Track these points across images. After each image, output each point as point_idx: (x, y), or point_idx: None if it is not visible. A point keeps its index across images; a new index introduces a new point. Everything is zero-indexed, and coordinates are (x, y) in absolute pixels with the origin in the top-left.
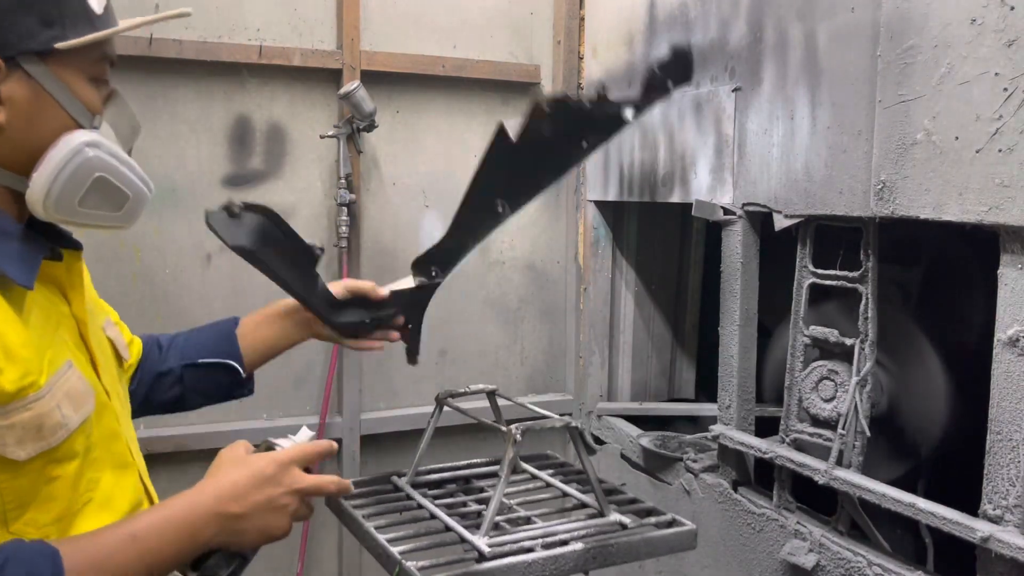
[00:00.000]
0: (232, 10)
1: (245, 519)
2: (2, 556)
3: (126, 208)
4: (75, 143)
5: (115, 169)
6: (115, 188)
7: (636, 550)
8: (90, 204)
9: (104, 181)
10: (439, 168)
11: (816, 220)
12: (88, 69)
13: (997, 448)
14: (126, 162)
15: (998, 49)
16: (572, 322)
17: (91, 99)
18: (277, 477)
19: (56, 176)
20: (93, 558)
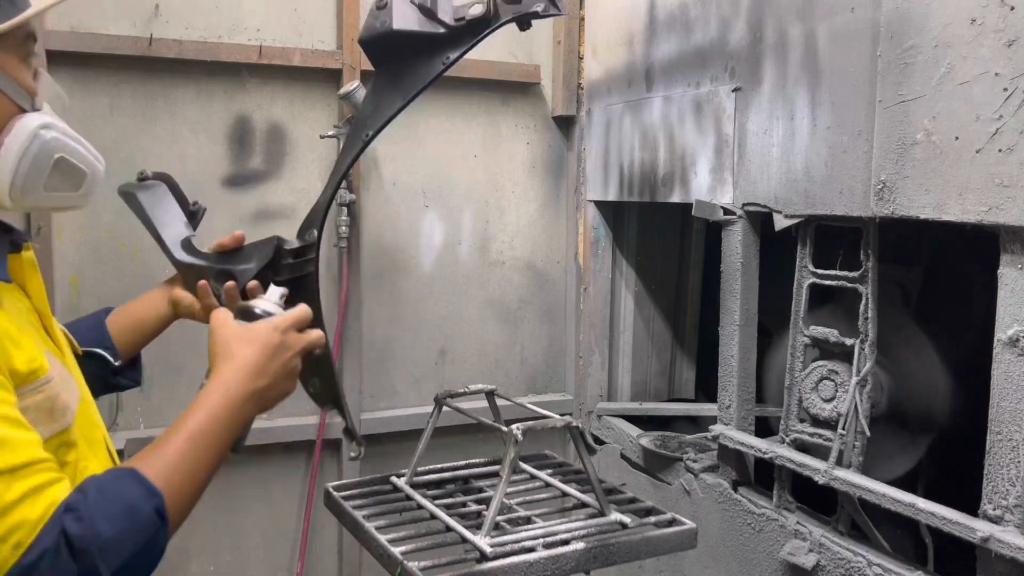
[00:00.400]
0: (232, 10)
1: (270, 389)
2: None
3: (84, 186)
4: (31, 127)
5: (72, 148)
6: (74, 167)
7: (637, 549)
8: (53, 186)
9: (64, 161)
10: (439, 168)
11: (816, 220)
12: (19, 50)
13: (997, 448)
14: (78, 139)
15: (998, 49)
16: (572, 322)
17: (27, 80)
18: (285, 343)
19: (19, 164)
20: (166, 468)
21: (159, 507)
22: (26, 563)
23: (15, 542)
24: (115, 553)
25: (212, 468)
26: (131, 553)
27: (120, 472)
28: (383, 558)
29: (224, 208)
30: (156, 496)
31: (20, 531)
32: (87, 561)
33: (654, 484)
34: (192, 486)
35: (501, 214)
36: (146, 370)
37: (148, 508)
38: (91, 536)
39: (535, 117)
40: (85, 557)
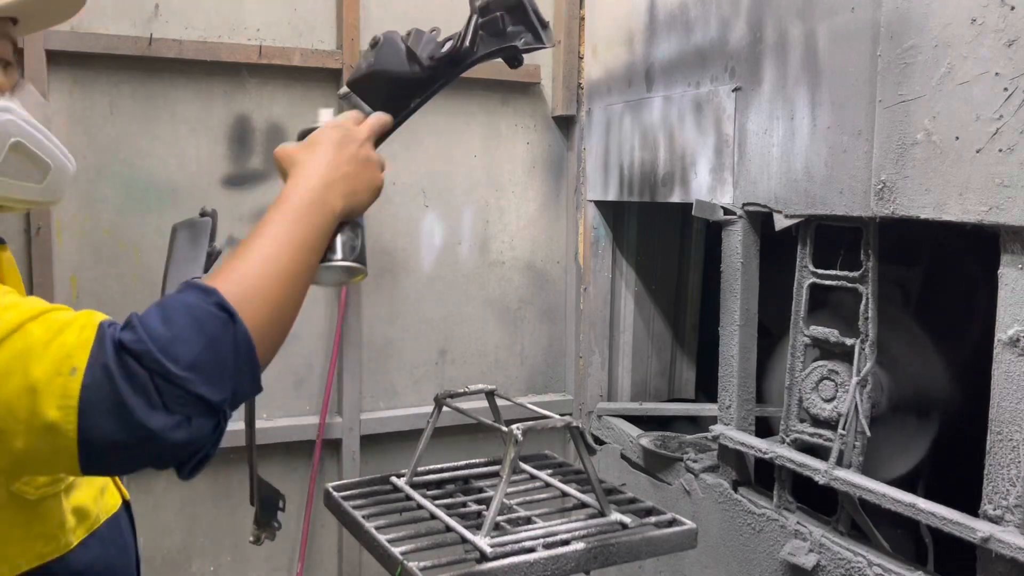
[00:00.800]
0: (232, 10)
1: (355, 178)
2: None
3: (49, 179)
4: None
5: (31, 135)
6: (35, 156)
7: (637, 549)
8: (10, 173)
9: (21, 147)
10: (439, 168)
11: (816, 220)
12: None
13: (997, 448)
14: (42, 130)
15: (998, 49)
16: (572, 322)
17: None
18: (349, 133)
19: None
20: (231, 268)
21: (219, 301)
22: (90, 382)
23: (70, 367)
24: (181, 349)
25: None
26: (201, 348)
27: (184, 284)
28: (383, 558)
29: (224, 208)
30: (212, 293)
31: (73, 357)
32: (153, 362)
33: (654, 484)
34: (267, 288)
35: (501, 214)
36: None
37: (206, 304)
38: (148, 339)
39: (535, 117)
40: (149, 359)
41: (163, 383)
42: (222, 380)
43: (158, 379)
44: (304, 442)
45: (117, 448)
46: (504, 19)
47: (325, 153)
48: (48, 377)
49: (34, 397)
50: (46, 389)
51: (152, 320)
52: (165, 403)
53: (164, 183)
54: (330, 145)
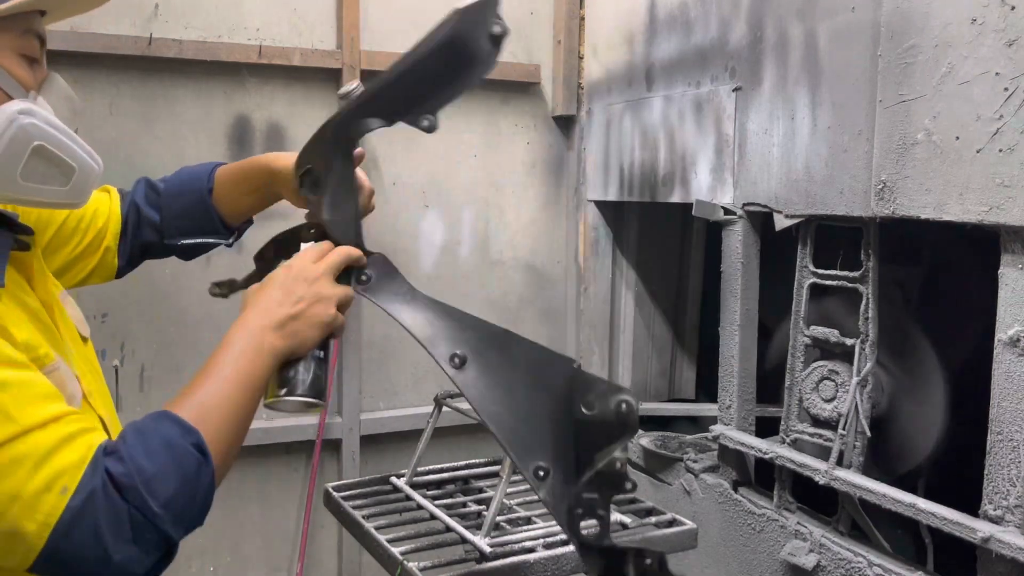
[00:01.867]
0: (232, 10)
1: (296, 319)
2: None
3: (74, 182)
4: (8, 112)
5: (54, 138)
6: (58, 159)
7: None
8: (34, 178)
9: (44, 151)
10: (439, 168)
11: (816, 220)
12: (16, 44)
13: (997, 448)
14: (65, 131)
15: (998, 49)
16: (572, 322)
17: (22, 75)
18: (301, 272)
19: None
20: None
21: (197, 442)
22: (75, 505)
23: (61, 487)
24: (161, 487)
25: (247, 402)
26: (177, 487)
27: (155, 415)
28: (383, 558)
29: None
30: (192, 432)
31: (64, 476)
32: (135, 496)
33: (654, 484)
34: (228, 422)
35: (501, 214)
36: (146, 370)
37: (186, 443)
38: (134, 472)
39: (535, 117)
40: (132, 493)
41: (139, 518)
42: (188, 519)
43: (135, 513)
44: (304, 442)
45: (75, 566)
46: None
47: (269, 296)
48: (37, 493)
49: (17, 507)
50: (32, 502)
51: (137, 452)
52: (135, 537)
53: None
54: (276, 288)
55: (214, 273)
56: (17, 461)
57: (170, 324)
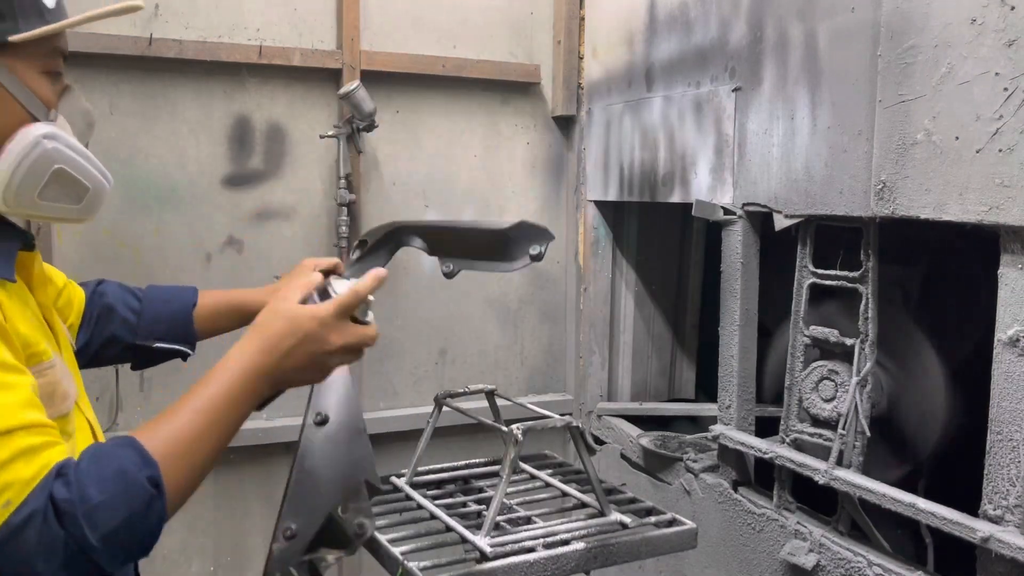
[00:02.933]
0: (232, 10)
1: (291, 373)
2: (85, 456)
3: (86, 200)
4: (33, 135)
5: (74, 161)
6: (74, 180)
7: (637, 549)
8: (50, 196)
9: (63, 173)
10: (439, 168)
11: (816, 220)
12: (41, 62)
13: (997, 448)
14: (84, 154)
15: (998, 49)
16: (572, 322)
17: (45, 92)
18: (318, 335)
19: (15, 169)
20: (168, 438)
21: (153, 476)
22: (14, 523)
23: (4, 500)
24: (103, 519)
25: (218, 442)
26: (121, 520)
27: (119, 440)
28: (383, 558)
29: (224, 208)
30: (150, 465)
31: (11, 490)
32: (73, 525)
33: (654, 484)
34: (195, 458)
35: (501, 214)
36: (145, 371)
37: (141, 476)
38: (78, 500)
39: (535, 117)
40: (70, 521)
41: (74, 547)
42: (127, 553)
43: (71, 542)
44: None
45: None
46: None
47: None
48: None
49: None
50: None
51: (88, 479)
52: (66, 564)
53: (164, 183)
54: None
55: (214, 273)
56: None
57: None
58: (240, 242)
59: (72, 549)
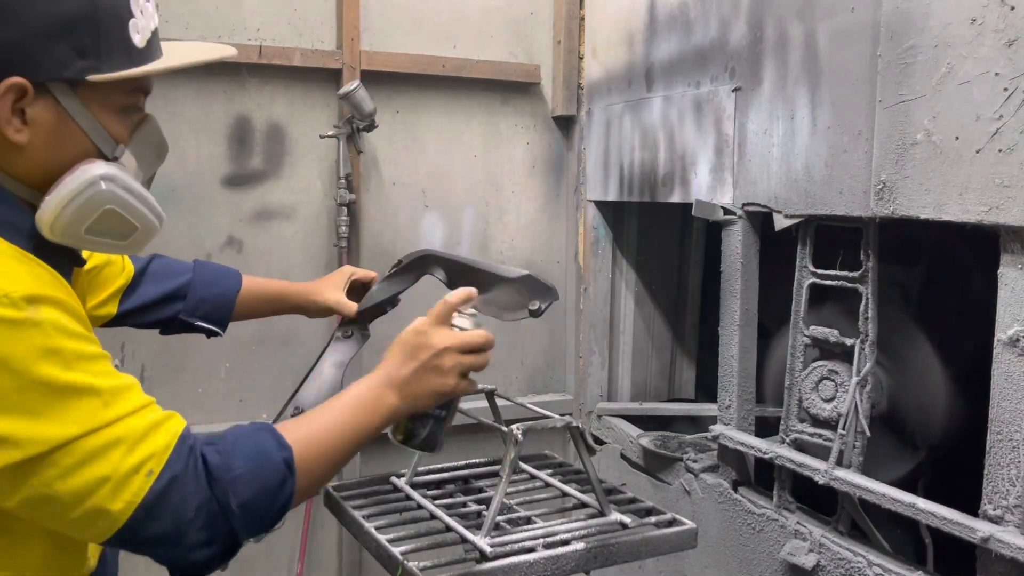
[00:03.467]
0: (232, 10)
1: (414, 384)
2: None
3: (133, 238)
4: (90, 175)
5: (126, 203)
6: (123, 219)
7: (637, 549)
8: (96, 232)
9: (113, 213)
10: (439, 168)
11: (816, 220)
12: (120, 99)
13: (997, 448)
14: (140, 196)
15: (998, 49)
16: (572, 322)
17: (117, 129)
18: (421, 342)
19: (67, 204)
20: (303, 431)
21: (288, 458)
22: (158, 488)
23: (147, 470)
24: (243, 488)
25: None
26: (256, 493)
27: (258, 425)
28: (383, 558)
29: (224, 208)
30: (286, 448)
31: (152, 460)
32: (220, 489)
33: (654, 484)
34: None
35: (501, 214)
36: (146, 370)
37: (278, 457)
38: (227, 468)
39: (535, 117)
40: (219, 485)
41: (216, 509)
42: (257, 525)
43: (214, 505)
44: None
45: (148, 543)
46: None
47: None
48: (127, 474)
49: (107, 489)
50: (122, 483)
51: (235, 450)
52: (208, 526)
53: (163, 183)
54: (403, 348)
55: None
56: (112, 444)
57: None
58: (240, 242)
59: (214, 510)
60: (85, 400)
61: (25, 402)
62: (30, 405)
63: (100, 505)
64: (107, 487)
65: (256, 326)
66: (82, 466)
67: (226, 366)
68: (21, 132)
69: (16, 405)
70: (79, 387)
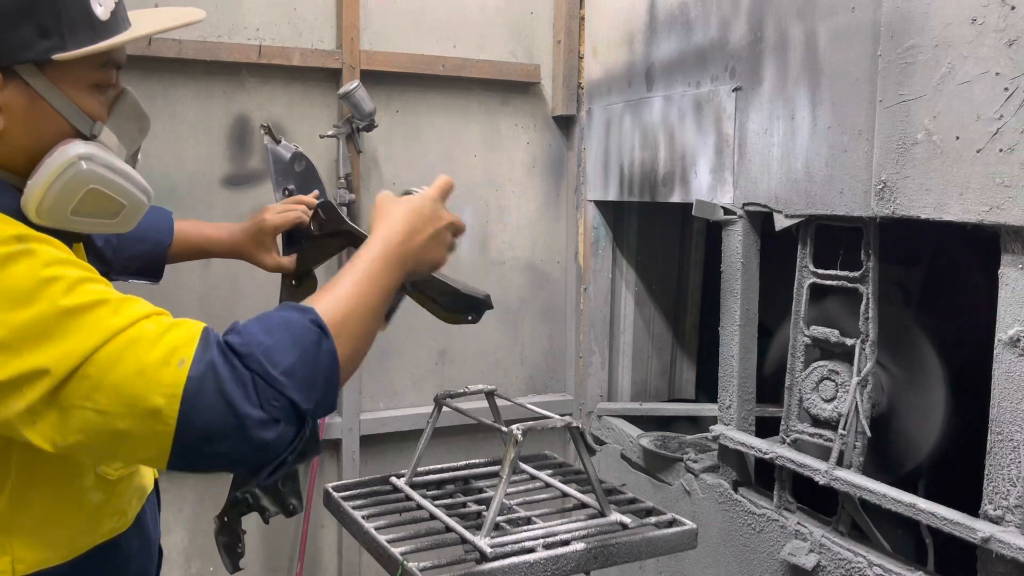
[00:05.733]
0: (232, 10)
1: (422, 251)
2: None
3: (122, 215)
4: (69, 155)
5: (109, 180)
6: (109, 198)
7: (637, 550)
8: (84, 213)
9: (97, 192)
10: (439, 168)
11: (817, 220)
12: (91, 76)
13: (998, 448)
14: (122, 172)
15: (999, 49)
16: (572, 322)
17: (92, 106)
18: (436, 212)
19: (49, 187)
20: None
21: (315, 319)
22: (196, 375)
23: (179, 359)
24: (280, 356)
25: (374, 304)
26: (296, 357)
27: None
28: (383, 558)
29: (223, 207)
30: (309, 311)
31: (180, 350)
32: (255, 363)
33: (654, 484)
34: (355, 314)
35: (501, 214)
36: None
37: (304, 319)
38: (255, 343)
39: (535, 117)
40: (252, 360)
41: (262, 383)
42: (311, 389)
43: (258, 379)
44: None
45: (211, 438)
46: None
47: (410, 222)
48: (157, 365)
49: (142, 382)
50: (155, 376)
51: (254, 328)
52: (261, 402)
53: (163, 183)
54: (418, 215)
55: (214, 272)
56: (134, 341)
57: None
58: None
59: (261, 385)
60: (96, 312)
61: (40, 329)
62: (46, 330)
63: (144, 404)
64: (142, 382)
65: None
66: (110, 370)
67: None
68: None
69: (32, 335)
70: (87, 304)
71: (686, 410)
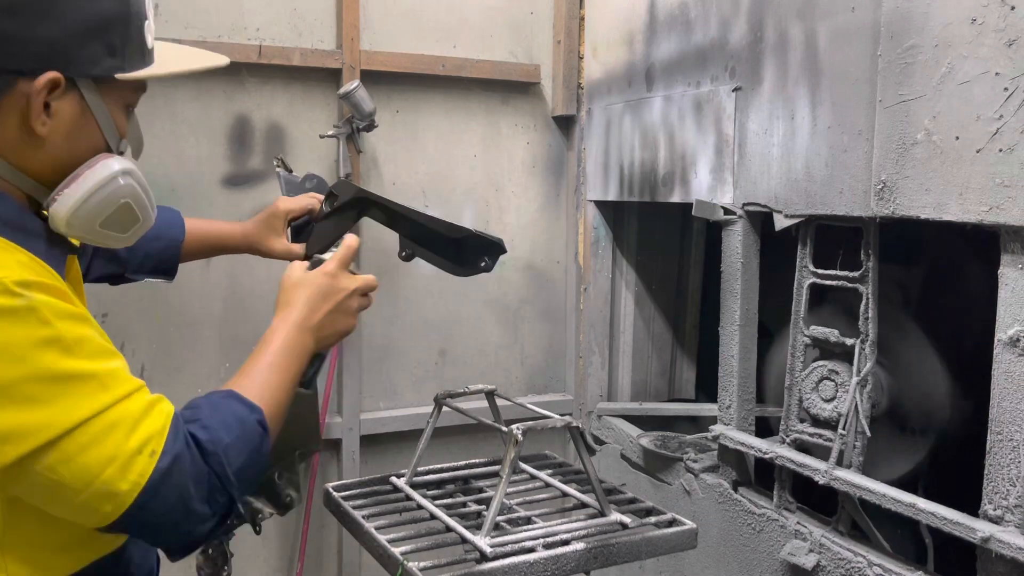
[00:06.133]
0: (232, 10)
1: (327, 326)
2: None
3: (132, 231)
4: (113, 169)
5: (140, 197)
6: (133, 214)
7: (637, 549)
8: (107, 225)
9: (127, 207)
10: (439, 168)
11: (816, 220)
12: (128, 97)
13: (997, 448)
14: (147, 190)
15: (999, 49)
16: (572, 322)
17: (123, 123)
18: (335, 286)
19: (88, 198)
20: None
21: (261, 419)
22: (163, 467)
23: (150, 451)
24: (235, 456)
25: (288, 389)
26: (246, 458)
27: (223, 392)
28: (383, 558)
29: (224, 208)
30: (257, 411)
31: (152, 441)
32: (216, 462)
33: (654, 484)
34: (279, 405)
35: (501, 214)
36: (146, 370)
37: (252, 420)
38: (216, 441)
39: (535, 117)
40: (214, 459)
41: (216, 482)
42: (249, 486)
43: (214, 478)
44: None
45: (155, 525)
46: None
47: (311, 305)
48: (131, 454)
49: (114, 468)
50: (127, 464)
51: (216, 423)
52: (209, 499)
53: (163, 183)
54: (318, 295)
55: (214, 274)
56: (114, 426)
57: (170, 324)
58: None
59: (214, 483)
60: (86, 385)
61: (29, 392)
62: (34, 394)
63: (107, 487)
64: (113, 468)
65: (257, 326)
66: (86, 449)
67: (226, 366)
68: (45, 125)
69: (21, 396)
70: (81, 373)
71: (686, 410)
